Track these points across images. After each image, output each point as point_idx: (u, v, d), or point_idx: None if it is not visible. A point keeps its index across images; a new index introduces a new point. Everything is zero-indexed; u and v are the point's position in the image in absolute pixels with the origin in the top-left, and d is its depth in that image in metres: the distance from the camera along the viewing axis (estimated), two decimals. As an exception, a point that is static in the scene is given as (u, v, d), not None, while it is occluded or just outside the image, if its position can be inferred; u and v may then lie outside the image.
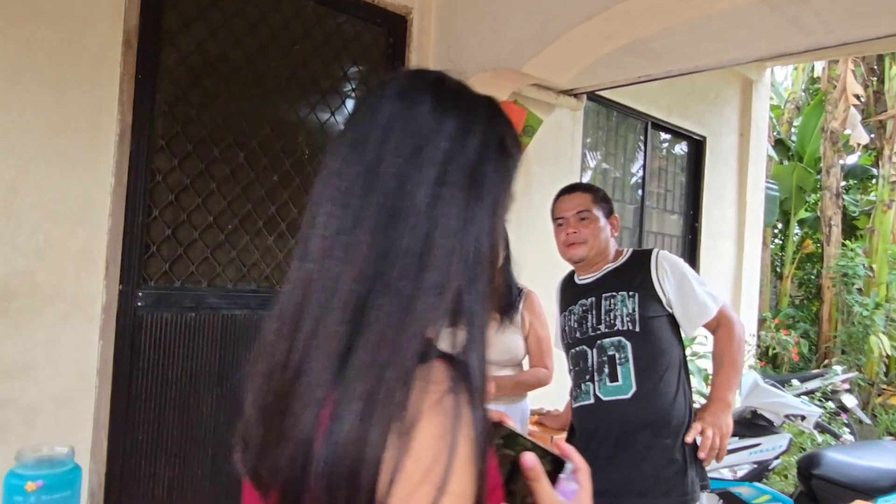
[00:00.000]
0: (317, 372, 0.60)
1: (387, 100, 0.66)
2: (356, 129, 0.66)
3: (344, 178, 0.64)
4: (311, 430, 0.59)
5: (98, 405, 2.23)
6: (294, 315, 0.63)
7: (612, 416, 1.85)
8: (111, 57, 2.23)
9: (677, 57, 3.19)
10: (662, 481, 1.79)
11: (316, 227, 0.64)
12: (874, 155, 9.77)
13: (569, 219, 1.99)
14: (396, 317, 0.58)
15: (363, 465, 0.55)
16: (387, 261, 0.60)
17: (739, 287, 5.53)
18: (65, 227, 2.14)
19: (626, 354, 1.85)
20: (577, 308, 1.99)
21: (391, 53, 3.08)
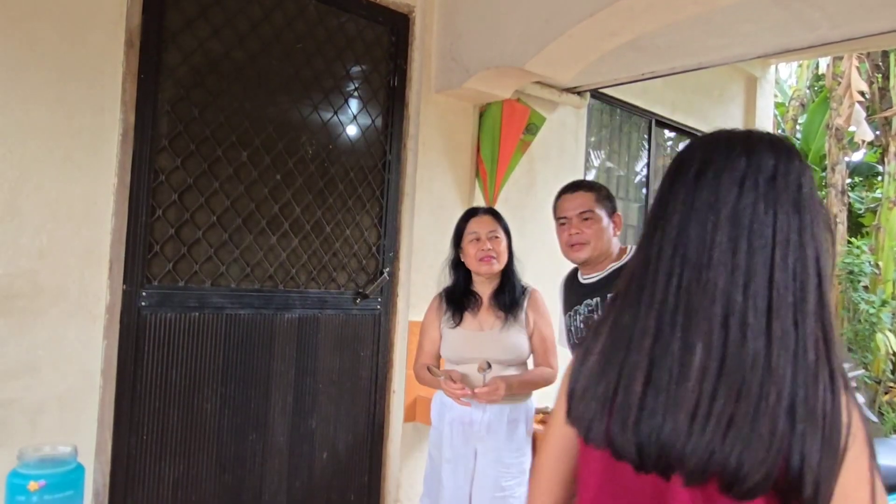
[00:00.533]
0: (783, 374, 0.74)
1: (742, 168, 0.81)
2: (727, 190, 0.81)
3: (740, 227, 0.79)
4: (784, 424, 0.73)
5: (102, 405, 2.23)
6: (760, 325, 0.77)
7: None
8: (113, 56, 2.23)
9: (681, 53, 3.17)
10: None
11: (720, 264, 0.79)
12: (880, 152, 9.72)
13: (571, 219, 1.98)
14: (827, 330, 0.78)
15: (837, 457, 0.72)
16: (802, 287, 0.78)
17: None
18: (68, 227, 2.14)
19: None
20: (582, 308, 1.98)
21: (394, 52, 3.07)
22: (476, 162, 3.33)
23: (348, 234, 2.93)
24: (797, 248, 0.78)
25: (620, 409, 0.81)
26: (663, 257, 0.82)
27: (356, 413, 2.99)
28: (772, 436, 0.72)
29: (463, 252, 2.39)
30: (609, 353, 0.85)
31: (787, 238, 0.78)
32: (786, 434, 0.72)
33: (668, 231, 0.82)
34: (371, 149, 3.01)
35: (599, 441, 0.83)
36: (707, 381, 0.75)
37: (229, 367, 2.57)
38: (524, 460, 2.34)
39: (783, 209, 0.78)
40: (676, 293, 0.80)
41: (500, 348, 2.29)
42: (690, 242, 0.80)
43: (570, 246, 1.99)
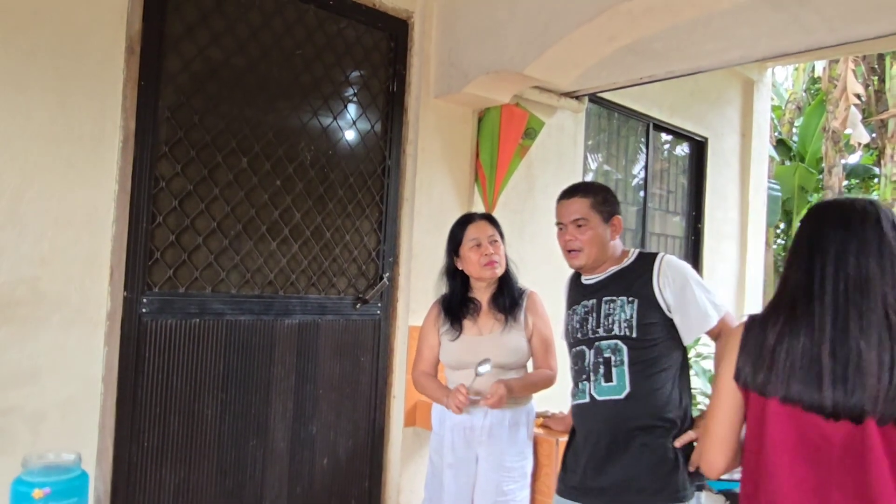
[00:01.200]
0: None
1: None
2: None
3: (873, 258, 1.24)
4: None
5: (103, 412, 2.23)
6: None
7: (605, 416, 1.88)
8: (114, 63, 2.23)
9: (679, 57, 3.18)
10: (654, 480, 1.82)
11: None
12: (876, 154, 9.76)
13: (567, 225, 1.99)
14: None
15: None
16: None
17: (743, 287, 5.52)
18: (69, 234, 2.14)
19: (622, 357, 1.87)
20: (580, 308, 2.00)
21: (393, 57, 3.08)
22: (475, 167, 3.34)
23: (348, 239, 2.93)
24: None
25: (814, 377, 1.20)
26: (827, 274, 1.24)
27: (356, 418, 2.99)
28: None
29: (462, 259, 2.38)
30: (790, 338, 1.24)
31: None
32: None
33: (827, 259, 1.25)
34: (370, 154, 3.02)
35: (795, 399, 1.22)
36: (885, 355, 1.16)
37: (230, 373, 2.57)
38: (525, 464, 2.34)
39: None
40: (845, 296, 1.21)
41: (501, 351, 2.29)
42: (850, 265, 1.23)
43: (567, 251, 2.01)
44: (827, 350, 1.20)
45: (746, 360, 1.31)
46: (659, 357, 1.86)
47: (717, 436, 1.37)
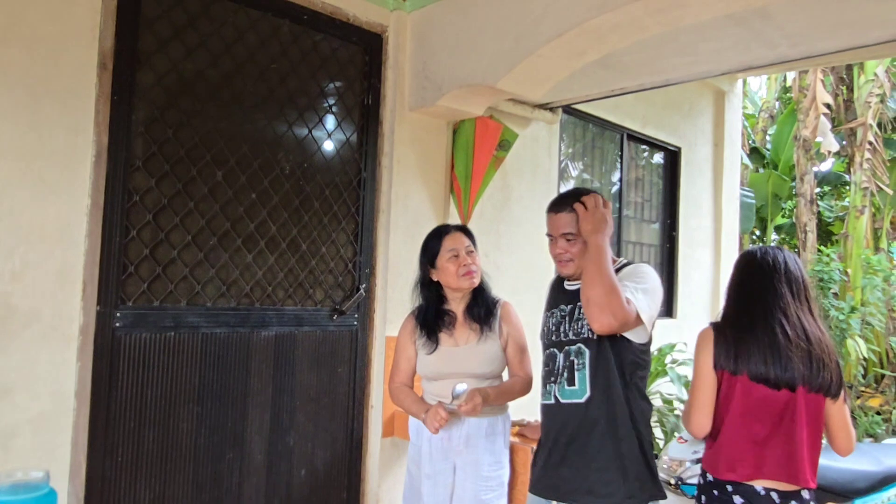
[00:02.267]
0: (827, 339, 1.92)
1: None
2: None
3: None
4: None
5: (76, 427, 2.22)
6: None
7: (567, 418, 1.97)
8: (86, 78, 2.24)
9: (649, 70, 3.25)
10: (608, 483, 1.89)
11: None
12: (846, 162, 9.96)
13: (555, 237, 2.06)
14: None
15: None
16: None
17: (717, 294, 5.60)
18: (41, 249, 2.14)
19: (584, 361, 1.95)
20: (557, 312, 2.09)
21: (367, 71, 3.11)
22: (450, 178, 3.37)
23: (324, 251, 2.95)
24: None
25: (763, 361, 1.85)
26: (755, 291, 1.94)
27: (334, 429, 2.99)
28: (837, 367, 1.87)
29: (439, 270, 2.40)
30: (748, 337, 1.88)
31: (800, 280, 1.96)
32: (836, 367, 1.88)
33: (754, 284, 1.96)
34: (346, 166, 3.04)
35: (755, 376, 1.85)
36: (803, 346, 1.85)
37: (205, 387, 2.57)
38: (502, 473, 2.37)
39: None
40: (772, 313, 1.89)
41: (478, 362, 2.32)
42: (768, 289, 1.92)
43: (557, 262, 2.09)
44: (769, 344, 1.86)
45: (720, 351, 1.91)
46: (616, 361, 1.92)
47: (703, 405, 1.93)
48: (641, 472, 1.92)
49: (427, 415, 2.21)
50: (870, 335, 7.44)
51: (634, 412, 1.94)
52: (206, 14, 2.57)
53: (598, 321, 1.80)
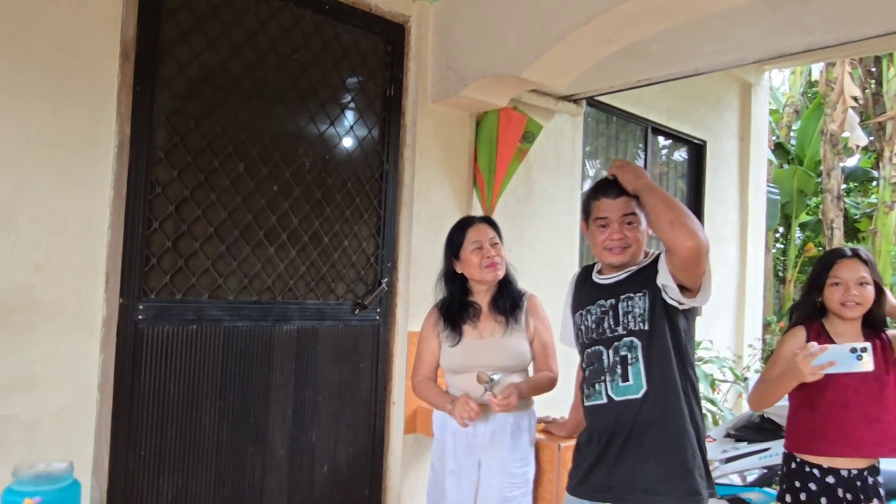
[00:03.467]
0: None
1: None
2: None
3: None
4: None
5: (99, 420, 2.20)
6: None
7: (622, 416, 1.84)
8: (109, 69, 2.22)
9: (677, 59, 3.18)
10: (667, 480, 1.78)
11: None
12: (874, 157, 9.77)
13: (612, 221, 1.91)
14: None
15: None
16: None
17: (743, 291, 5.50)
18: (64, 241, 2.12)
19: (637, 354, 1.84)
20: (595, 308, 1.95)
21: (390, 62, 3.07)
22: (473, 171, 3.33)
23: (346, 244, 2.92)
24: None
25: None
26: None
27: (356, 425, 2.96)
28: None
29: (463, 262, 2.36)
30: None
31: None
32: None
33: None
34: (368, 159, 3.00)
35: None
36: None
37: (228, 380, 2.55)
38: (528, 470, 2.32)
39: None
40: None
41: (502, 355, 2.27)
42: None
43: (608, 249, 1.92)
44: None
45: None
46: (671, 352, 1.82)
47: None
48: (700, 466, 1.82)
49: (455, 407, 2.16)
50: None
51: (692, 404, 1.84)
52: (228, 4, 2.55)
53: (690, 238, 1.65)
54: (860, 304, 2.14)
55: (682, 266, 1.73)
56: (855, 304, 2.13)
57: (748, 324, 5.52)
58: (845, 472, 2.16)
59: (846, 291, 2.13)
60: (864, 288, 2.13)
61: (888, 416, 2.14)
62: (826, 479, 2.18)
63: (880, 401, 2.14)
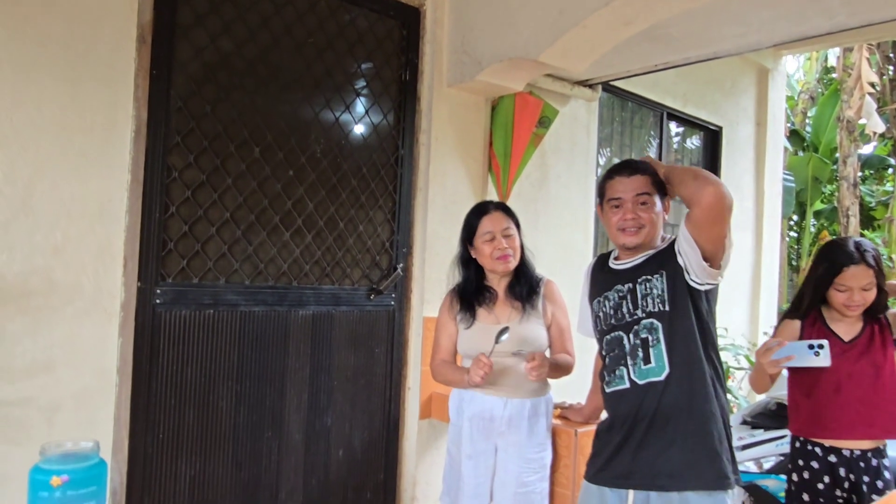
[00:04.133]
0: None
1: None
2: None
3: None
4: None
5: (118, 403, 2.22)
6: None
7: (646, 400, 1.82)
8: (125, 52, 2.21)
9: (696, 42, 3.13)
10: (693, 465, 1.76)
11: None
12: (891, 144, 9.64)
13: (626, 201, 1.89)
14: None
15: None
16: None
17: (759, 279, 5.46)
18: (82, 225, 2.13)
19: (658, 336, 1.82)
20: (612, 294, 1.93)
21: (405, 46, 3.05)
22: (489, 156, 3.31)
23: (361, 229, 2.91)
24: None
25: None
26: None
27: (371, 410, 2.97)
28: None
29: (476, 250, 2.35)
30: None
31: None
32: None
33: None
34: (383, 144, 2.99)
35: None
36: None
37: (244, 365, 2.56)
38: (545, 455, 2.31)
39: None
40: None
41: (519, 340, 2.26)
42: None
43: (622, 230, 1.90)
44: None
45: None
46: (693, 332, 1.80)
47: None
48: (728, 450, 1.80)
49: (470, 370, 2.15)
50: (915, 322, 7.21)
51: (717, 387, 1.82)
52: (243, -13, 2.53)
53: (712, 184, 1.67)
54: (861, 306, 2.18)
55: (704, 220, 1.70)
56: (858, 306, 2.17)
57: (763, 311, 5.48)
58: (847, 451, 2.21)
59: (850, 297, 2.17)
60: (869, 292, 2.16)
61: (883, 400, 2.18)
62: (828, 458, 2.23)
63: (875, 384, 2.18)
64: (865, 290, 2.15)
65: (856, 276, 2.14)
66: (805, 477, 2.27)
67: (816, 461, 2.25)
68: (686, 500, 1.75)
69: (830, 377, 2.17)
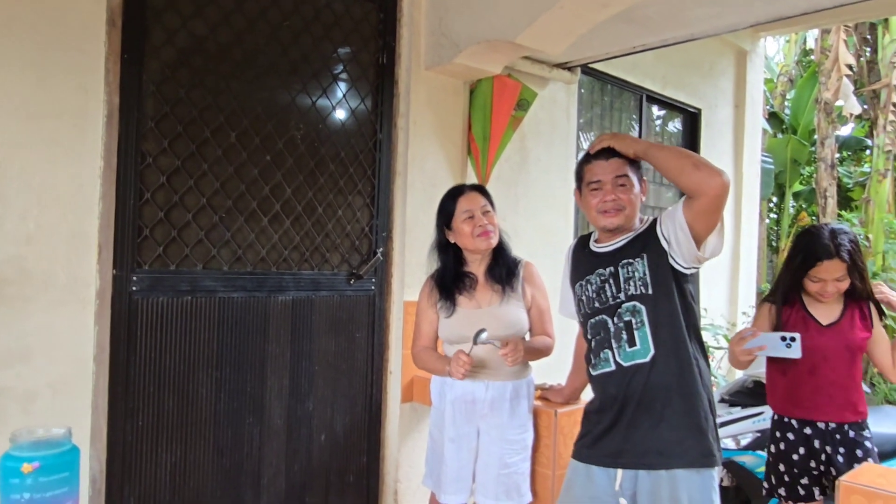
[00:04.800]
0: None
1: None
2: None
3: None
4: None
5: (96, 391, 2.20)
6: None
7: (632, 381, 1.84)
8: (95, 36, 2.17)
9: (673, 24, 3.13)
10: (681, 442, 1.79)
11: None
12: (868, 125, 9.75)
13: (605, 183, 1.91)
14: None
15: None
16: None
17: (738, 260, 5.52)
18: (54, 212, 2.10)
19: (642, 318, 1.83)
20: (594, 278, 1.94)
21: (382, 29, 3.02)
22: (468, 139, 3.30)
23: (340, 214, 2.90)
24: None
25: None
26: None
27: (353, 395, 2.97)
28: None
29: (455, 231, 2.34)
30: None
31: None
32: None
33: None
34: (361, 128, 2.97)
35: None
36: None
37: (224, 351, 2.55)
38: (527, 436, 2.33)
39: None
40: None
41: (500, 323, 2.27)
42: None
43: (602, 212, 1.92)
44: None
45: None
46: (677, 314, 1.82)
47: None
48: (713, 428, 1.83)
49: (450, 365, 2.16)
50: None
51: (702, 366, 1.85)
52: (215, -31, 2.49)
53: (719, 175, 1.69)
54: (836, 294, 2.28)
55: (708, 208, 1.72)
56: (831, 295, 2.27)
57: (742, 292, 5.55)
58: (822, 424, 2.29)
59: (823, 287, 2.27)
60: (842, 282, 2.25)
61: (856, 383, 2.27)
62: (804, 431, 2.32)
63: (849, 368, 2.27)
64: (839, 281, 2.24)
65: (829, 270, 2.22)
66: (781, 448, 2.34)
67: (792, 433, 2.33)
68: (674, 478, 1.78)
69: (807, 358, 2.22)
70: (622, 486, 1.86)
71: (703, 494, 1.78)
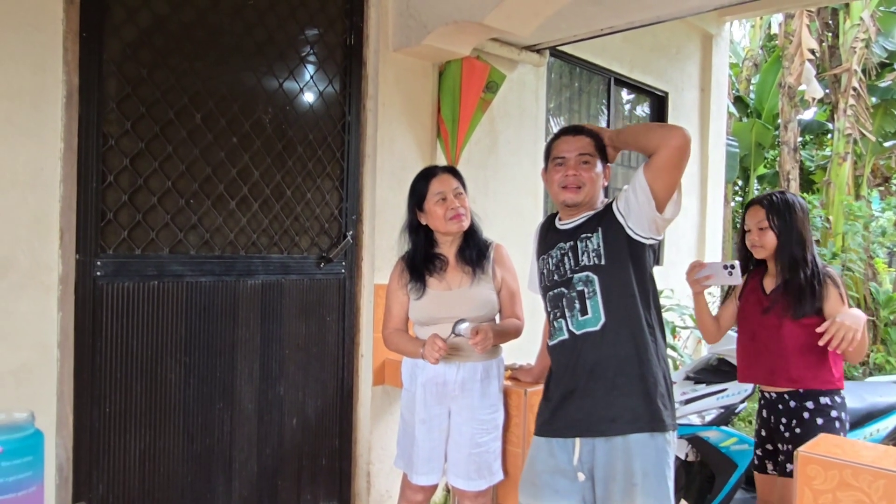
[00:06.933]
0: None
1: None
2: None
3: None
4: None
5: (61, 378, 2.16)
6: None
7: (584, 349, 1.89)
8: (52, 13, 2.11)
9: (639, 6, 3.15)
10: (632, 409, 1.84)
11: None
12: (829, 109, 9.96)
13: (569, 160, 1.97)
14: None
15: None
16: None
17: (703, 242, 5.62)
18: (14, 195, 2.04)
19: (595, 288, 1.89)
20: (555, 252, 2.00)
21: (349, 9, 2.99)
22: (437, 121, 3.29)
23: (309, 197, 2.87)
24: None
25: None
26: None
27: (324, 378, 2.97)
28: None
29: (427, 213, 2.34)
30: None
31: None
32: None
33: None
34: (329, 110, 2.94)
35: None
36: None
37: (192, 336, 2.52)
38: (497, 416, 2.36)
39: None
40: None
41: (471, 305, 2.29)
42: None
43: (563, 187, 1.97)
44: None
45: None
46: (629, 284, 1.87)
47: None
48: (664, 395, 1.87)
49: (424, 348, 2.18)
50: (849, 281, 7.55)
51: (657, 337, 1.90)
52: (177, -54, 2.43)
53: (679, 129, 1.80)
54: (762, 248, 2.38)
55: (668, 162, 1.78)
56: (759, 247, 2.39)
57: (707, 273, 5.65)
58: (768, 394, 2.43)
59: (750, 236, 2.42)
60: (764, 233, 2.36)
61: (786, 351, 2.35)
62: (761, 400, 2.50)
63: (779, 336, 2.35)
64: (762, 231, 2.36)
65: (752, 215, 2.40)
66: (759, 410, 2.52)
67: (762, 398, 2.49)
68: (629, 444, 1.83)
69: (747, 325, 2.41)
70: (581, 459, 1.89)
71: (656, 464, 1.83)
